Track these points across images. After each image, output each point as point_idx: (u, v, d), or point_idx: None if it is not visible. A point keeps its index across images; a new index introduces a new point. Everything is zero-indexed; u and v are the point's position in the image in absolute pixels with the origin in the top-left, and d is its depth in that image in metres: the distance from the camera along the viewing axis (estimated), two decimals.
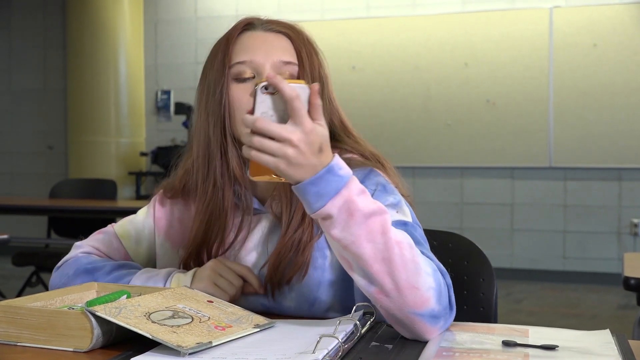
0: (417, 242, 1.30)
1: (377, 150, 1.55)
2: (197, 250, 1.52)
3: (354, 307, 1.31)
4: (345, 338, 1.17)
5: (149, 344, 1.16)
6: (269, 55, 1.44)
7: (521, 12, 7.05)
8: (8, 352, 1.18)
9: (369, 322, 1.29)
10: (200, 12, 8.03)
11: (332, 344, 1.12)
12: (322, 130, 1.18)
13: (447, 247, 1.77)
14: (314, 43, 1.53)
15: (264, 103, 1.18)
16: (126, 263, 1.58)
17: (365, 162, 1.49)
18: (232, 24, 1.53)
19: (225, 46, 1.47)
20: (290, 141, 1.14)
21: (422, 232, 1.40)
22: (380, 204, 1.22)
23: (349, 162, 1.33)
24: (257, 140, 1.15)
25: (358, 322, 1.23)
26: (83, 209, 5.07)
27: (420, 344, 1.21)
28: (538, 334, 1.26)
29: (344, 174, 1.19)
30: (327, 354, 1.09)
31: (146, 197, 7.51)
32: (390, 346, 1.19)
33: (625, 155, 6.79)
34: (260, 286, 1.45)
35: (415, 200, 1.57)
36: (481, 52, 7.11)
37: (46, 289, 5.15)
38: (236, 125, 1.45)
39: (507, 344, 1.19)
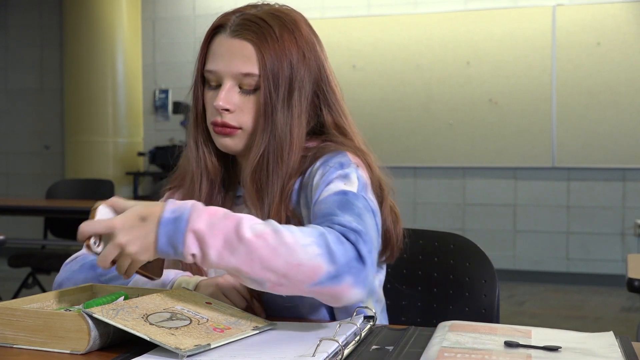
0: (341, 208, 1.34)
1: (368, 149, 1.57)
2: None
3: (355, 311, 1.32)
4: (345, 341, 1.17)
5: (147, 346, 1.16)
6: (229, 66, 1.48)
7: (524, 11, 7.03)
8: (3, 354, 1.18)
9: (369, 326, 1.30)
10: (198, 10, 8.02)
11: (332, 347, 1.13)
12: (135, 206, 1.26)
13: (448, 248, 1.78)
14: (290, 41, 1.50)
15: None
16: None
17: (340, 147, 1.52)
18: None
19: (200, 50, 1.55)
20: (113, 226, 1.24)
21: (366, 202, 1.40)
22: (227, 212, 1.26)
23: (323, 149, 1.50)
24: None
25: (358, 326, 1.24)
26: (80, 210, 5.04)
27: (421, 344, 1.19)
28: (541, 335, 1.25)
29: (178, 215, 1.23)
30: (327, 357, 1.09)
31: (144, 198, 7.48)
32: (390, 348, 1.19)
33: (629, 155, 6.76)
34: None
35: (416, 201, 1.55)
36: (483, 50, 7.08)
37: (43, 290, 5.11)
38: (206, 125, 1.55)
39: (509, 344, 1.18)
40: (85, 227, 1.28)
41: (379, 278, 1.57)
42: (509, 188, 7.17)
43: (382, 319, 1.56)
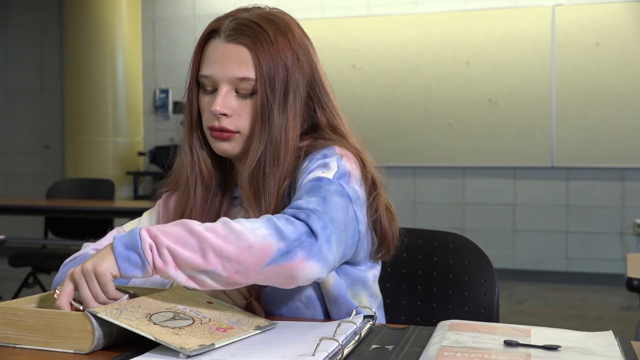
0: (309, 194, 1.37)
1: (363, 147, 1.59)
2: None
3: (354, 310, 1.32)
4: (345, 341, 1.17)
5: (149, 345, 1.17)
6: (225, 71, 1.49)
7: (523, 10, 7.02)
8: (5, 354, 1.17)
9: (369, 325, 1.29)
10: (198, 9, 8.01)
11: (332, 346, 1.13)
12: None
13: (448, 247, 1.78)
14: (284, 44, 1.51)
15: None
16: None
17: (330, 143, 1.53)
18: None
19: (194, 55, 1.55)
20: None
21: (340, 187, 1.42)
22: (186, 220, 1.29)
23: (314, 146, 1.51)
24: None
25: (358, 325, 1.23)
26: (80, 209, 5.05)
27: (421, 344, 1.19)
28: (540, 334, 1.26)
29: (135, 229, 1.27)
30: (327, 356, 1.10)
31: (144, 197, 7.50)
32: (390, 347, 1.19)
33: (628, 155, 6.76)
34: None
35: (416, 201, 1.56)
36: (483, 50, 7.08)
37: (43, 290, 5.11)
38: (201, 130, 1.57)
39: (509, 343, 1.18)
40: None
41: (372, 273, 1.58)
42: (508, 187, 7.17)
43: (379, 316, 1.56)
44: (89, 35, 7.72)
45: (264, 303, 1.47)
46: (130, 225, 1.70)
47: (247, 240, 1.24)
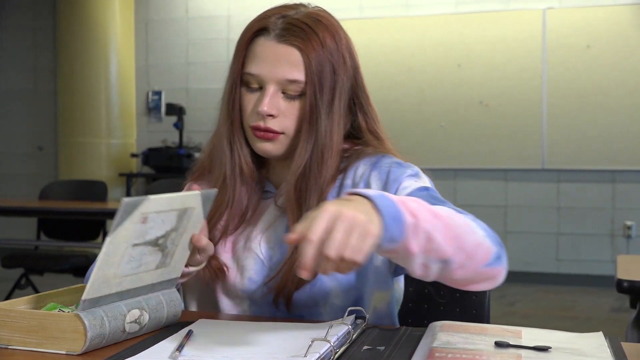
0: (442, 202, 1.36)
1: (394, 145, 1.58)
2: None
3: (347, 311, 1.31)
4: (337, 342, 1.17)
5: (141, 347, 1.17)
6: (274, 72, 1.45)
7: (515, 14, 7.04)
8: None
9: (361, 326, 1.29)
10: (191, 12, 8.01)
11: (324, 347, 1.13)
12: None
13: None
14: (333, 47, 1.48)
15: None
16: None
17: (376, 150, 1.53)
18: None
19: (238, 50, 1.51)
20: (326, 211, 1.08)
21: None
22: (409, 197, 1.22)
23: (359, 151, 1.51)
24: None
25: (350, 326, 1.23)
26: (73, 211, 5.04)
27: (412, 345, 1.19)
28: (531, 335, 1.26)
29: (383, 194, 1.15)
30: (319, 357, 1.10)
31: None
32: (382, 348, 1.19)
33: (618, 157, 6.78)
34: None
35: None
36: (475, 53, 7.10)
37: (36, 291, 5.11)
38: (243, 127, 1.52)
39: (499, 344, 1.19)
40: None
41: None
42: (499, 189, 7.18)
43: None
44: (82, 37, 7.70)
45: (292, 302, 1.45)
46: None
47: (477, 237, 1.24)
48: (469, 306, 1.68)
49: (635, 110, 6.75)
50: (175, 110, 7.56)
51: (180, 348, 1.16)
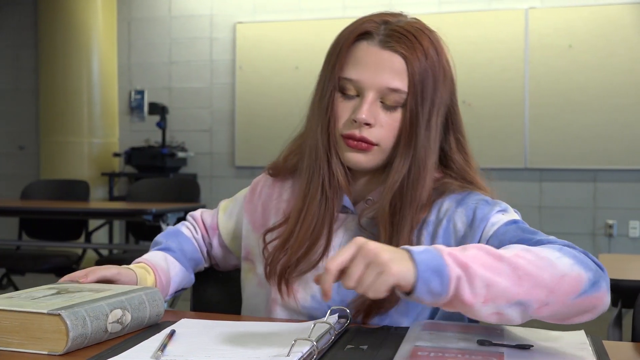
0: (532, 232, 1.32)
1: (480, 174, 1.52)
2: (285, 242, 1.49)
3: (329, 310, 1.29)
4: (320, 341, 1.17)
5: (124, 347, 1.17)
6: (376, 78, 1.38)
7: (497, 13, 7.06)
8: None
9: (343, 325, 1.29)
10: (174, 11, 7.98)
11: (307, 347, 1.12)
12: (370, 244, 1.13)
13: None
14: (435, 58, 1.42)
15: None
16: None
17: (463, 186, 1.46)
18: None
19: (337, 55, 1.45)
20: (358, 245, 1.11)
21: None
22: (474, 244, 1.19)
23: (445, 186, 1.44)
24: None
25: (333, 325, 1.23)
26: (55, 210, 5.02)
27: (395, 344, 1.19)
28: (513, 334, 1.26)
29: (430, 248, 1.15)
30: (301, 356, 1.10)
31: (119, 198, 7.46)
32: (365, 347, 1.19)
33: (600, 157, 6.82)
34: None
35: None
36: (457, 53, 6.95)
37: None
38: (336, 136, 1.43)
39: (482, 343, 1.18)
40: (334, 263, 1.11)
41: None
42: None
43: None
44: (64, 36, 7.66)
45: (353, 308, 1.39)
46: (231, 198, 1.70)
47: (559, 269, 1.16)
48: None
49: (617, 110, 6.78)
50: (158, 109, 7.53)
51: (162, 348, 1.16)
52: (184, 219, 1.79)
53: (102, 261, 5.16)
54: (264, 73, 7.60)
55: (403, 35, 1.39)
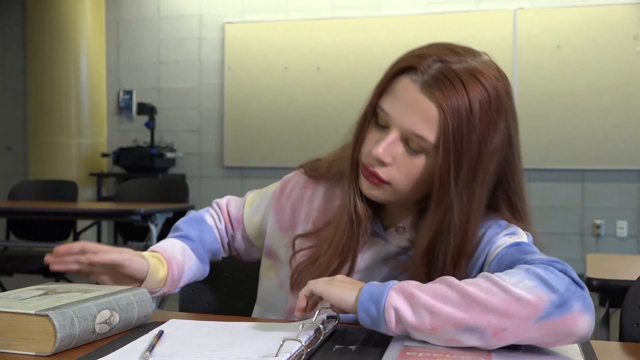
0: (525, 253, 1.28)
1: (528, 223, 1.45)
2: (317, 258, 1.47)
3: (317, 311, 1.29)
4: (308, 341, 1.17)
5: (112, 347, 1.16)
6: (404, 119, 1.30)
7: (485, 14, 7.08)
8: None
9: (332, 326, 1.29)
10: (163, 11, 7.97)
11: (295, 347, 1.12)
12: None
13: None
14: (485, 115, 1.30)
15: None
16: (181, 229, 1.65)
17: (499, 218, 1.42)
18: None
19: (381, 81, 1.39)
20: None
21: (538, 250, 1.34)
22: (442, 277, 1.19)
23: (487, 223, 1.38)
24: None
25: (321, 326, 1.23)
26: (43, 211, 5.00)
27: (383, 344, 1.19)
28: None
29: (387, 282, 1.21)
30: (289, 357, 1.09)
31: (108, 199, 7.44)
32: (353, 347, 1.18)
33: (588, 157, 6.84)
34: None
35: None
36: None
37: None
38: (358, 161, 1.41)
39: None
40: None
41: None
42: None
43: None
44: (52, 35, 7.64)
45: None
46: (259, 191, 1.68)
47: (513, 293, 1.12)
48: None
49: (605, 110, 6.81)
50: (147, 109, 7.52)
51: (150, 348, 1.15)
52: (172, 219, 1.79)
53: None
54: (252, 73, 7.60)
55: (449, 82, 1.28)
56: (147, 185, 5.61)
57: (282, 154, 7.43)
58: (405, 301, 1.16)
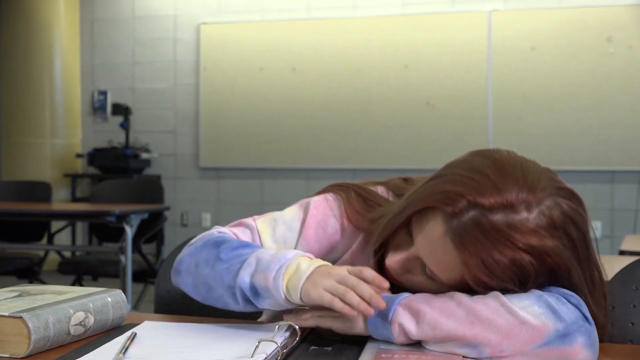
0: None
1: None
2: None
3: (293, 311, 1.29)
4: (284, 342, 1.17)
5: (86, 349, 1.16)
6: (424, 254, 1.23)
7: (460, 15, 7.12)
8: None
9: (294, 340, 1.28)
10: (138, 11, 7.93)
11: (271, 348, 1.12)
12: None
13: None
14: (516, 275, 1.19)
15: None
16: (254, 244, 1.41)
17: None
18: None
19: (420, 197, 1.29)
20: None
21: None
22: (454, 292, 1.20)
23: None
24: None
25: (297, 327, 1.23)
26: (16, 212, 4.96)
27: (360, 346, 1.20)
28: None
29: (396, 296, 1.23)
30: (265, 358, 1.09)
31: (82, 200, 7.40)
32: (329, 348, 1.19)
33: (562, 158, 6.90)
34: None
35: None
36: (421, 54, 7.15)
37: None
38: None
39: None
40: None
41: None
42: None
43: None
44: (26, 35, 7.59)
45: None
46: (267, 218, 1.49)
47: (520, 316, 1.12)
48: None
49: (579, 111, 6.87)
50: (121, 110, 7.49)
51: (124, 350, 1.15)
52: (147, 220, 1.73)
53: (65, 263, 5.11)
54: (228, 74, 7.59)
55: (478, 241, 1.17)
56: (122, 186, 5.58)
57: (258, 154, 7.42)
58: (411, 317, 1.18)
